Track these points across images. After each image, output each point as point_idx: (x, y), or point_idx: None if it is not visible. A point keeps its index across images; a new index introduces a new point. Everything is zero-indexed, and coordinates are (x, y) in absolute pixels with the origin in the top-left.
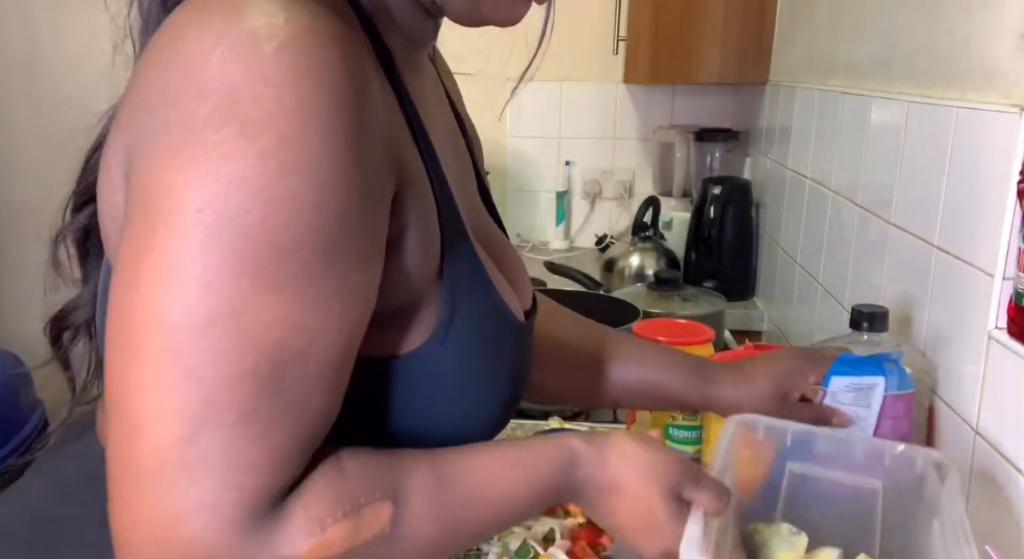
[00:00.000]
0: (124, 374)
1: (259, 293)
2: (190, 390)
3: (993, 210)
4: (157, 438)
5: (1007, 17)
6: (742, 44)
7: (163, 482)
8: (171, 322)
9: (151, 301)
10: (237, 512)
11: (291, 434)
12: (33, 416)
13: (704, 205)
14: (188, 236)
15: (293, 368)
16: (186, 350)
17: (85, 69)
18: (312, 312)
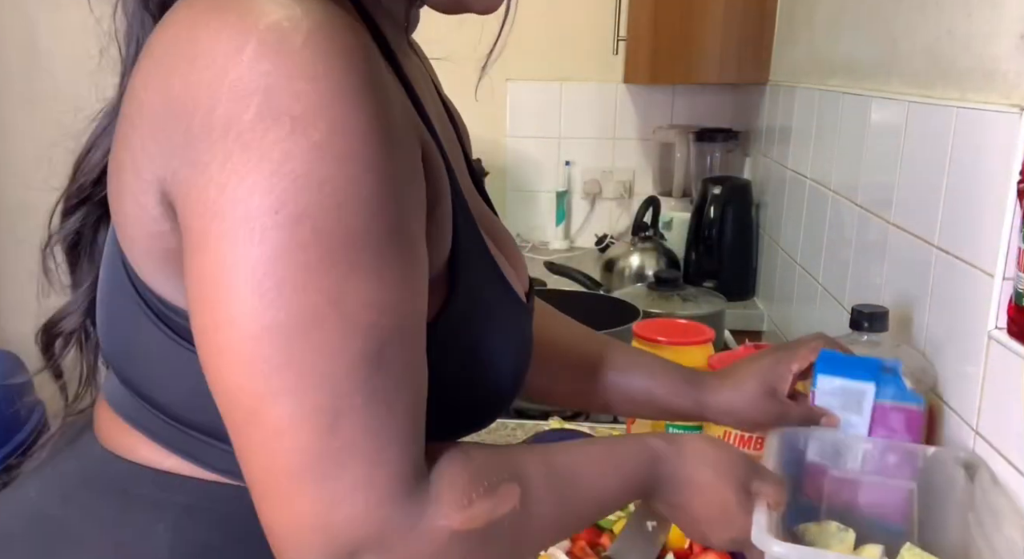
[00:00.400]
0: (246, 386)
1: (349, 280)
2: (316, 386)
3: (993, 210)
4: (299, 437)
5: (1007, 17)
6: (742, 44)
7: (316, 474)
8: (277, 327)
9: (251, 311)
10: (390, 485)
11: (410, 406)
12: (33, 417)
13: (704, 205)
14: (269, 240)
15: (392, 344)
16: (299, 350)
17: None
18: (394, 290)
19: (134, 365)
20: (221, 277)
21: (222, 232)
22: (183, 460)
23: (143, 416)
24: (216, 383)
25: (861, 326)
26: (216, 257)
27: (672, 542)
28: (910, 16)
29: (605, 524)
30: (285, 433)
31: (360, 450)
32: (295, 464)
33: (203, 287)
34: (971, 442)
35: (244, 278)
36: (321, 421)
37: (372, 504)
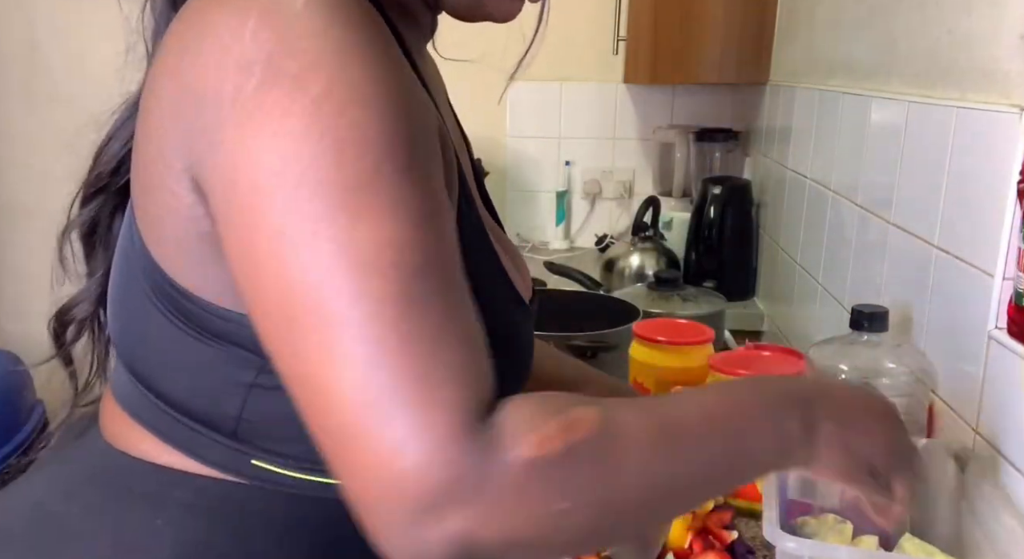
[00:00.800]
0: (285, 351)
1: (360, 224)
2: (348, 336)
3: (993, 210)
4: (346, 395)
5: (1007, 17)
6: (742, 44)
7: (371, 428)
8: (297, 286)
9: (273, 274)
10: (449, 425)
11: (462, 340)
12: (33, 416)
13: (704, 205)
14: (277, 200)
15: (422, 281)
16: (324, 301)
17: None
18: (415, 227)
19: (143, 355)
20: (247, 247)
21: (241, 202)
22: (184, 456)
23: (147, 410)
24: (269, 350)
25: (861, 326)
26: (240, 229)
27: (672, 542)
28: (910, 16)
29: None
30: (331, 392)
31: (409, 395)
32: (350, 421)
33: (238, 261)
34: (971, 442)
35: (263, 243)
36: (361, 373)
37: (433, 449)
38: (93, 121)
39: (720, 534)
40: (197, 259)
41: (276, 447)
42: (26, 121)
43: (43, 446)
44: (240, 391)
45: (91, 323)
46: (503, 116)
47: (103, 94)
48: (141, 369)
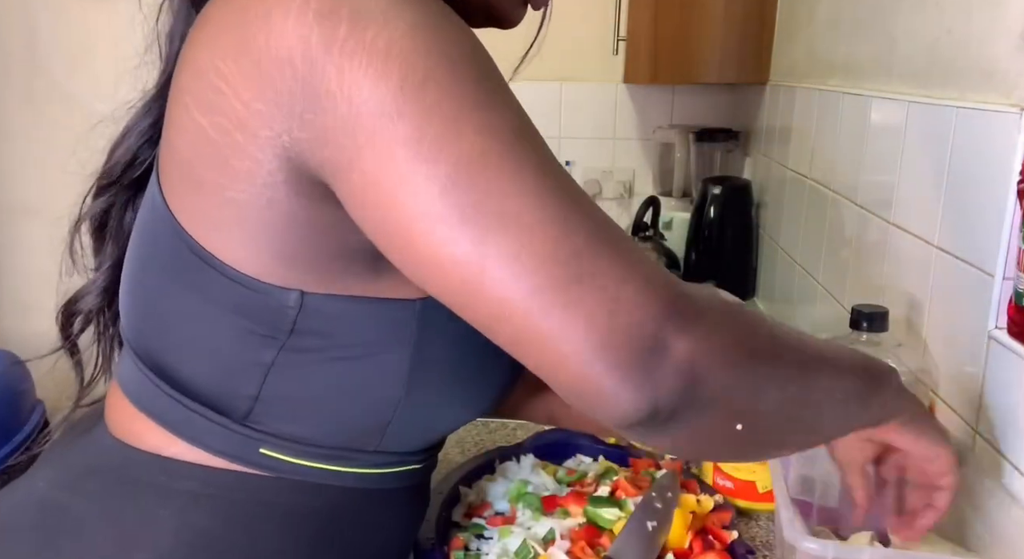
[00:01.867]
0: (459, 252)
1: (494, 114)
2: (521, 209)
3: (993, 210)
4: (536, 258)
5: (1007, 17)
6: (742, 44)
7: (578, 280)
8: (454, 180)
9: (424, 179)
10: (650, 267)
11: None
12: (33, 416)
13: (704, 205)
14: (407, 114)
15: (551, 157)
16: (485, 189)
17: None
18: (527, 119)
19: (158, 339)
20: (385, 169)
21: (369, 132)
22: (189, 446)
23: (155, 398)
24: (430, 274)
25: (861, 326)
26: (374, 156)
27: (672, 542)
28: (910, 16)
29: (605, 524)
30: (520, 258)
31: (606, 241)
32: (550, 279)
33: (374, 192)
34: (971, 442)
35: (405, 154)
36: (551, 230)
37: (649, 282)
38: (107, 117)
39: (720, 534)
40: (251, 230)
41: (287, 431)
42: (27, 121)
43: (45, 441)
44: (260, 370)
45: (97, 317)
46: None
47: (103, 94)
48: (154, 354)
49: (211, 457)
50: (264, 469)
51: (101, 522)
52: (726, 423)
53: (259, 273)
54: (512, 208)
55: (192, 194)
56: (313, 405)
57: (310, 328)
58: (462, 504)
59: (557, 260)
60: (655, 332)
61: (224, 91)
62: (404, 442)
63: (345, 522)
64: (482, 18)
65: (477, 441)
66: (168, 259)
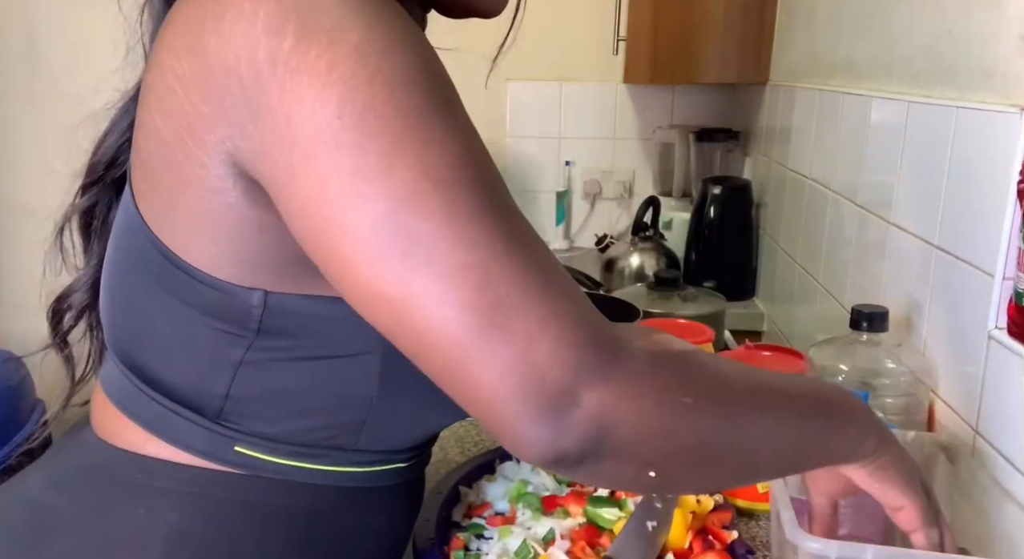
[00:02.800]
0: (384, 282)
1: (429, 149)
2: (450, 250)
3: (993, 210)
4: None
5: (1007, 17)
6: (742, 44)
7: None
8: (385, 215)
9: (356, 212)
10: (578, 314)
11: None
12: (33, 416)
13: (704, 205)
14: (344, 144)
15: (497, 190)
16: (415, 226)
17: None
18: (476, 148)
19: (134, 339)
20: (318, 196)
21: (304, 156)
22: (166, 445)
23: (133, 398)
24: (360, 301)
25: (861, 326)
26: (306, 181)
27: (672, 542)
28: (910, 16)
29: (605, 524)
30: (443, 304)
31: (530, 287)
32: (469, 328)
33: (308, 216)
34: (971, 442)
35: (337, 186)
36: (473, 277)
37: (568, 331)
38: (89, 118)
39: (720, 534)
40: (208, 232)
41: (260, 429)
42: (26, 120)
43: (38, 438)
44: (230, 368)
45: (88, 313)
46: (503, 116)
47: (103, 94)
48: (132, 354)
49: (188, 455)
50: (241, 467)
51: (84, 521)
52: (638, 470)
53: (223, 274)
54: (439, 252)
55: (155, 196)
56: (284, 403)
57: (276, 327)
58: (462, 504)
59: (477, 310)
60: (567, 384)
61: (177, 91)
62: (385, 441)
63: (330, 521)
64: (463, 10)
65: (477, 441)
66: (139, 260)
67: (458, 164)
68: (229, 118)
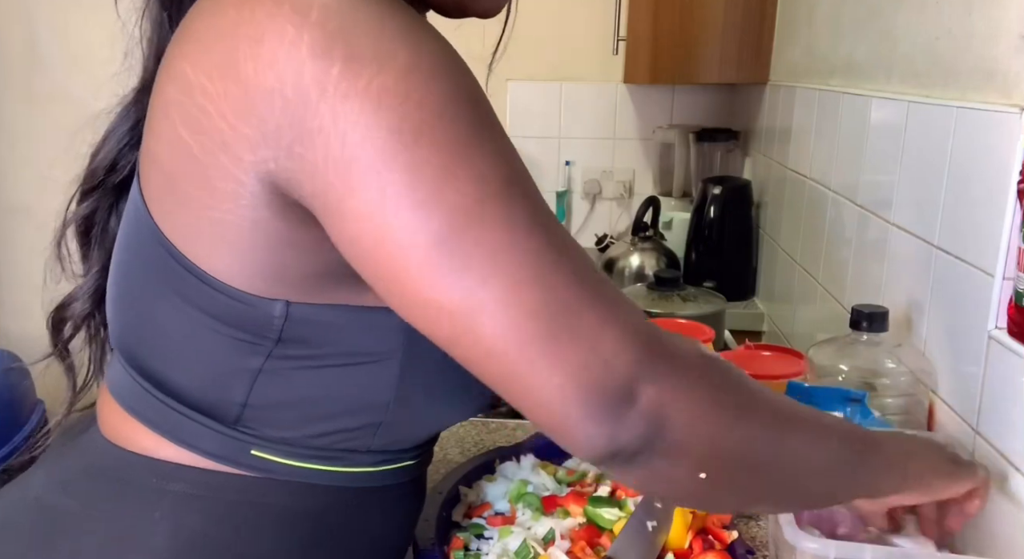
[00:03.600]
0: (445, 297)
1: (483, 166)
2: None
3: (993, 210)
4: (523, 309)
5: (1007, 17)
6: (742, 44)
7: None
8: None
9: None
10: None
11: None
12: (33, 416)
13: (704, 205)
14: (400, 162)
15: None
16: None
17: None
18: (521, 167)
19: (147, 347)
20: (375, 214)
21: (361, 177)
22: (180, 449)
23: (145, 403)
24: (420, 314)
25: (861, 326)
26: (364, 198)
27: (672, 542)
28: (910, 16)
29: (605, 524)
30: (509, 312)
31: (585, 293)
32: (537, 333)
33: (363, 235)
34: (971, 442)
35: (395, 203)
36: (536, 285)
37: (625, 332)
38: (88, 121)
39: (720, 534)
40: (234, 245)
41: (277, 434)
42: (26, 121)
43: (41, 447)
44: (248, 377)
45: (88, 322)
46: (503, 116)
47: (103, 94)
48: (143, 361)
49: (202, 459)
50: (255, 470)
51: (95, 523)
52: (690, 470)
53: (244, 285)
54: (502, 263)
55: (175, 206)
56: (303, 410)
57: (297, 336)
58: (462, 504)
59: (542, 315)
60: (627, 381)
61: (210, 111)
62: (397, 441)
63: (339, 521)
64: (459, 11)
65: (477, 441)
66: (152, 266)
67: (508, 179)
68: (273, 140)
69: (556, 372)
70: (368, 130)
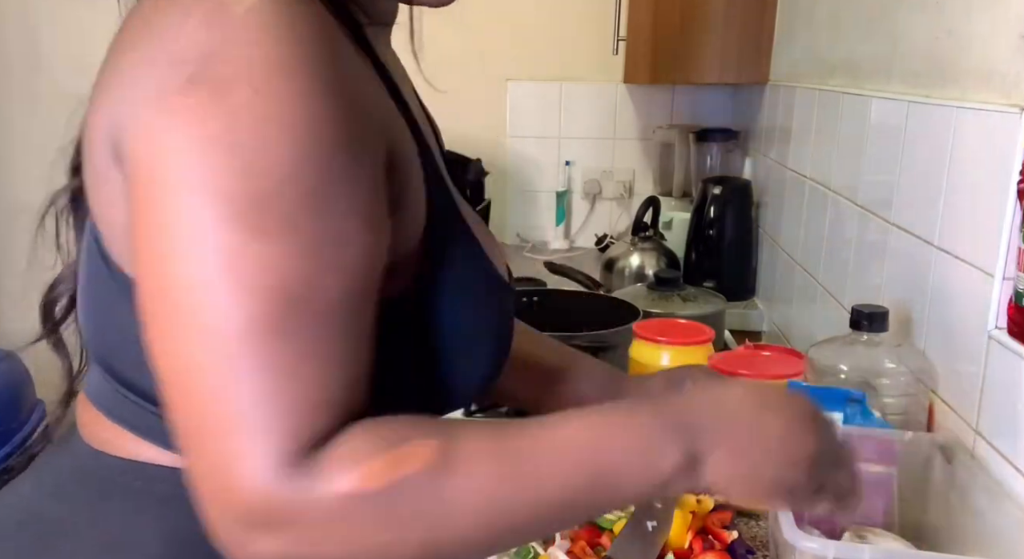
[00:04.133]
0: (154, 346)
1: (250, 242)
2: (207, 346)
3: (993, 210)
4: (193, 397)
5: (1007, 17)
6: (742, 44)
7: (213, 437)
8: (178, 285)
9: (152, 268)
10: (278, 455)
11: (315, 379)
12: (33, 416)
13: (704, 205)
14: (173, 200)
15: (296, 314)
16: (196, 307)
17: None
18: (303, 259)
19: (115, 349)
20: (138, 232)
21: (143, 194)
22: (161, 449)
23: (122, 406)
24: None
25: (861, 326)
26: (139, 216)
27: (672, 542)
28: (910, 16)
29: (605, 524)
30: (184, 393)
31: (248, 417)
32: (192, 424)
33: (133, 243)
34: (971, 442)
35: (152, 234)
36: (211, 382)
37: (259, 472)
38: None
39: (720, 534)
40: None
41: None
42: (26, 121)
43: (42, 446)
44: None
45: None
46: (503, 116)
47: None
48: (114, 364)
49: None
50: None
51: (86, 528)
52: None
53: None
54: (180, 358)
55: (105, 216)
56: None
57: None
58: None
59: (185, 414)
60: (241, 526)
61: (95, 99)
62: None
63: None
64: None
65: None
66: (99, 273)
67: (270, 269)
68: (116, 109)
69: (193, 469)
70: (167, 156)
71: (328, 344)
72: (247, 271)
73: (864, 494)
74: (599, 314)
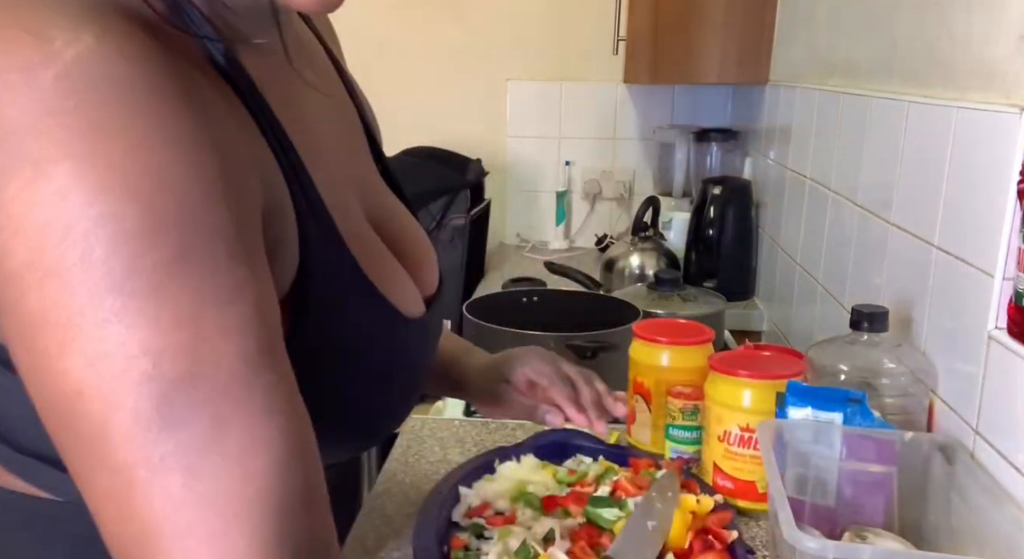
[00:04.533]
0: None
1: (109, 332)
2: (95, 463)
3: (993, 210)
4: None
5: (1007, 17)
6: (742, 44)
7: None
8: (41, 404)
9: (30, 379)
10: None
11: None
12: None
13: (704, 205)
14: (22, 306)
15: (186, 392)
16: (67, 425)
17: None
18: (176, 329)
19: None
20: (9, 326)
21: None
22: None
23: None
24: None
25: (861, 326)
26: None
27: (672, 542)
28: (910, 16)
29: (605, 524)
30: (113, 520)
31: (155, 535)
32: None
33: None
34: (971, 442)
35: (14, 346)
36: (111, 505)
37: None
38: None
39: (720, 534)
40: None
41: None
42: None
43: None
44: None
45: None
46: (503, 116)
47: None
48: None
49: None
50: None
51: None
52: None
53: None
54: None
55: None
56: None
57: None
58: (462, 504)
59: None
60: None
61: None
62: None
63: None
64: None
65: (477, 441)
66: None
67: (139, 355)
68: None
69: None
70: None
71: (240, 411)
72: (116, 367)
73: None
74: (599, 314)
